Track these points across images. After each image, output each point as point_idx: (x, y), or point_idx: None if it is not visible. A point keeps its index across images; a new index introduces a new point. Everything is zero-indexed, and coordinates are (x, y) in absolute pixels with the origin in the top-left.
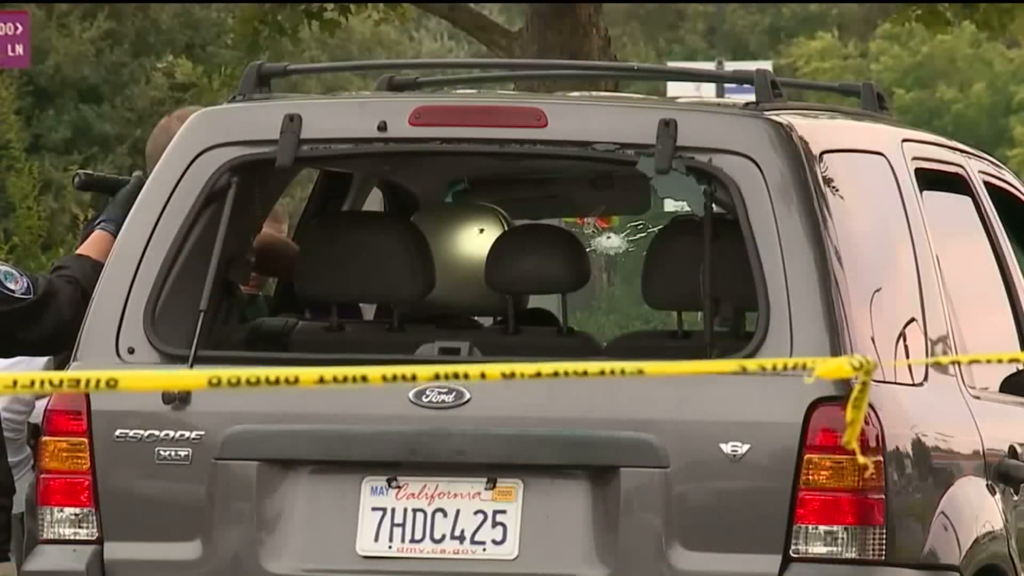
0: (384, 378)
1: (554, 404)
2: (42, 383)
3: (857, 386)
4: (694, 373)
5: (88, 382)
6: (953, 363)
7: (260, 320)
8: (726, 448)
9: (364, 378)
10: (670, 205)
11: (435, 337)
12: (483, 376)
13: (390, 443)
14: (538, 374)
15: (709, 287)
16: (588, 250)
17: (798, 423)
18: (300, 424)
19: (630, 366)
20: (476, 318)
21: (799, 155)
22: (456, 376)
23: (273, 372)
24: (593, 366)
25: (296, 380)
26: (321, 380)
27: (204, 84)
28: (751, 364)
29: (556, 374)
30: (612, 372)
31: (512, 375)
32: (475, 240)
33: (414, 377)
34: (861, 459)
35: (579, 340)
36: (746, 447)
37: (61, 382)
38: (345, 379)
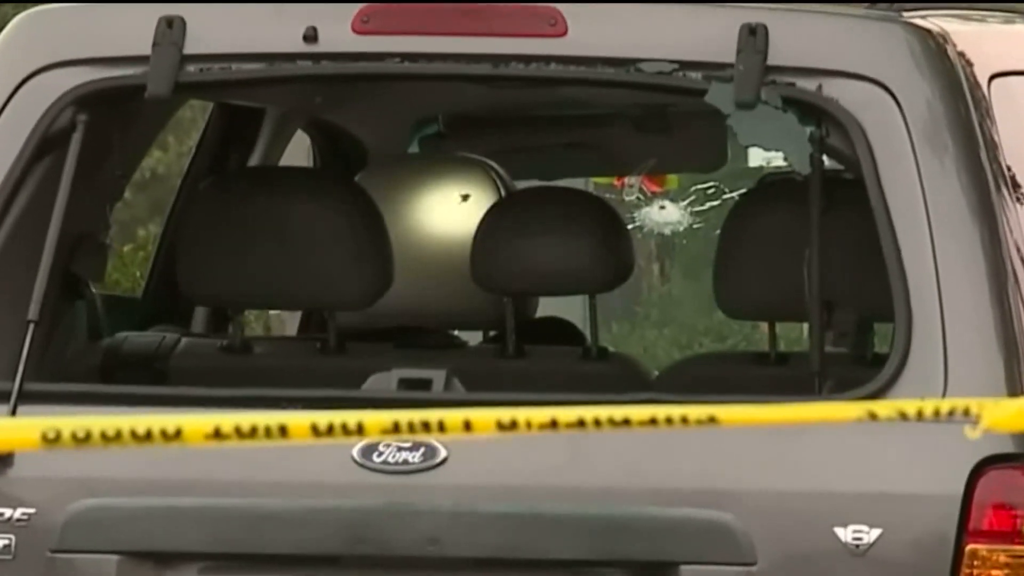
0: (315, 430)
1: (577, 466)
2: None
3: None
4: (796, 422)
5: None
6: None
7: (123, 335)
8: (844, 534)
9: (283, 430)
10: (757, 158)
11: (393, 362)
12: (468, 427)
13: (324, 526)
14: (553, 423)
15: (818, 285)
16: (631, 227)
17: (957, 496)
18: (185, 497)
19: (696, 411)
20: (457, 332)
21: (957, 81)
22: (426, 427)
23: (143, 422)
24: (639, 412)
25: (178, 433)
26: (217, 433)
27: None
28: (883, 408)
29: (582, 423)
30: (669, 420)
31: (514, 425)
32: (455, 212)
33: (360, 429)
34: None
35: (615, 367)
36: (875, 533)
37: None
38: (254, 431)
